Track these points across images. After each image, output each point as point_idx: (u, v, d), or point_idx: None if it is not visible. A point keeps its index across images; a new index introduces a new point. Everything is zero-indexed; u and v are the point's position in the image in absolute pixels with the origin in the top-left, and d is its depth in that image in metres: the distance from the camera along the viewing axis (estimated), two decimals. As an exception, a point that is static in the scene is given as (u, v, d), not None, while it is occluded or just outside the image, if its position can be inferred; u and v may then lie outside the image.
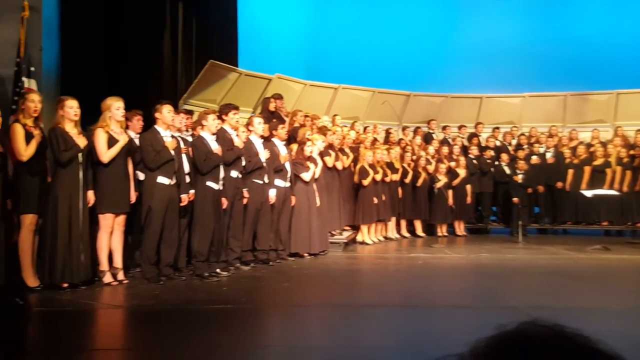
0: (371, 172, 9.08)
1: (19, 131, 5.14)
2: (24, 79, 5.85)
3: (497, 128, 12.13)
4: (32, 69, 6.01)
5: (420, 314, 4.94)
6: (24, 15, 5.99)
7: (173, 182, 5.81)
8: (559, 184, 11.20)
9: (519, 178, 10.71)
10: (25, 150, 5.13)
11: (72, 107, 5.34)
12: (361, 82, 12.38)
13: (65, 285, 5.22)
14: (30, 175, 5.20)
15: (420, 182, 10.30)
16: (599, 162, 10.94)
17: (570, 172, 11.15)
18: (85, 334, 4.34)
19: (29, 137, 5.16)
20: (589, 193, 10.50)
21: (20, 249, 5.17)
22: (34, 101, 5.29)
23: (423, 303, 5.32)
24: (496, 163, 11.30)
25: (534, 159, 11.20)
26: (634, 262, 7.88)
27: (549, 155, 11.38)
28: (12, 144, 5.20)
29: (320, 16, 13.96)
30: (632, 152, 10.86)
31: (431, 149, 10.92)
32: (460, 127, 12.04)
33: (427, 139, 11.54)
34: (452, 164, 10.81)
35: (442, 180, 10.48)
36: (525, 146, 11.47)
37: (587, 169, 11.01)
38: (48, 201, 5.19)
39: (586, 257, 8.18)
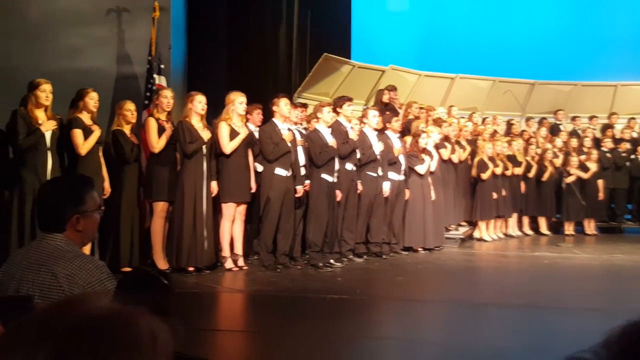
0: (490, 165, 8.79)
1: (152, 125, 5.65)
2: (155, 75, 6.36)
3: (634, 118, 11.24)
4: (162, 66, 6.54)
5: (546, 315, 4.79)
6: (155, 16, 6.51)
7: (290, 173, 6.06)
8: None
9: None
10: (157, 143, 5.60)
11: (200, 102, 5.75)
12: (480, 71, 11.95)
13: (191, 269, 5.68)
14: (162, 166, 5.74)
15: (545, 176, 9.79)
16: None
17: None
18: (210, 314, 4.66)
19: (161, 130, 5.63)
20: None
21: (152, 234, 5.72)
22: (167, 97, 5.79)
23: (549, 304, 5.15)
24: (632, 157, 10.47)
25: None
26: None
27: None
28: (145, 137, 5.68)
29: (436, 3, 13.65)
30: None
31: (559, 142, 10.35)
32: (591, 118, 11.32)
33: (554, 130, 10.95)
34: (582, 157, 10.14)
35: (573, 174, 9.85)
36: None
37: None
38: (177, 190, 5.61)
39: None
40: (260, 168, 6.22)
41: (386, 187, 7.10)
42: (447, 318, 4.79)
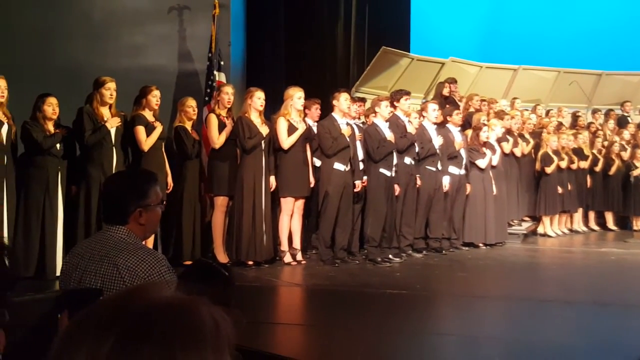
0: (555, 159, 8.41)
1: (213, 121, 5.67)
2: (215, 72, 6.39)
3: None
4: (222, 63, 6.54)
5: (614, 313, 4.57)
6: (215, 13, 6.53)
7: (348, 168, 5.95)
8: None
9: None
10: (218, 139, 5.62)
11: (259, 98, 5.73)
12: (544, 61, 11.45)
13: (250, 262, 5.65)
14: (222, 161, 5.72)
15: (613, 170, 9.29)
16: None
17: None
18: (269, 308, 4.64)
19: (221, 126, 5.64)
20: None
21: (213, 228, 5.72)
22: (228, 93, 5.79)
23: (617, 301, 4.90)
24: None
25: None
26: None
27: None
28: (206, 133, 5.72)
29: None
30: None
31: (626, 134, 9.80)
32: (661, 109, 10.62)
33: (622, 122, 10.38)
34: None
35: (640, 168, 9.33)
36: None
37: None
38: (236, 184, 5.62)
39: None
40: (318, 163, 6.12)
41: (446, 182, 6.89)
42: (509, 314, 4.64)
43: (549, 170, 8.41)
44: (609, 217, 9.55)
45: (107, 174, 4.75)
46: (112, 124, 5.03)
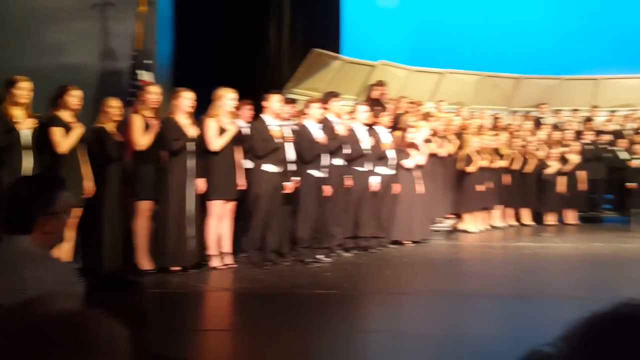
0: (477, 158, 8.62)
1: (137, 122, 5.31)
2: (140, 71, 6.06)
3: (614, 111, 11.12)
4: (147, 61, 6.21)
5: (529, 304, 4.68)
6: (140, 10, 6.19)
7: (279, 170, 5.80)
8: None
9: (636, 163, 9.77)
10: (142, 140, 5.29)
11: (188, 99, 5.46)
12: (468, 66, 11.77)
13: (176, 268, 5.32)
14: (146, 164, 5.32)
15: (529, 168, 9.66)
16: None
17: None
18: (194, 314, 4.44)
19: (146, 127, 5.34)
20: None
21: (136, 234, 5.31)
22: (153, 93, 5.45)
23: (532, 294, 5.01)
24: (612, 148, 10.36)
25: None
26: None
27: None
28: (130, 134, 5.41)
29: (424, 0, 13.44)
30: None
31: (542, 134, 10.20)
32: (573, 111, 11.15)
33: (537, 123, 10.80)
34: (564, 149, 10.03)
35: (553, 166, 9.77)
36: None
37: None
38: (161, 188, 5.35)
39: None
40: (249, 165, 5.97)
41: (375, 182, 6.87)
42: (433, 309, 4.65)
43: (470, 169, 8.62)
44: (525, 213, 9.90)
45: (19, 179, 4.39)
46: (25, 126, 4.62)
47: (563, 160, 9.90)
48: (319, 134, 6.11)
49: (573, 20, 12.75)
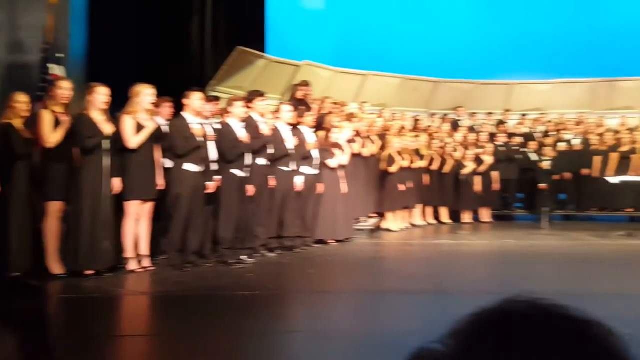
0: (398, 159, 8.80)
1: (47, 118, 4.96)
2: (51, 65, 5.68)
3: (525, 115, 11.72)
4: (59, 55, 5.83)
5: (445, 300, 4.77)
6: (51, 1, 5.79)
7: (200, 169, 5.62)
8: (586, 171, 10.76)
9: (546, 165, 10.35)
10: (52, 137, 4.96)
11: (102, 95, 5.17)
12: (391, 69, 12.02)
13: (90, 272, 5.03)
14: (57, 162, 5.00)
15: (446, 169, 9.99)
16: (625, 148, 10.49)
17: (597, 159, 10.69)
18: (109, 320, 4.20)
19: (57, 124, 5.01)
20: (614, 179, 10.11)
21: (46, 236, 4.98)
22: (65, 88, 5.13)
23: (448, 289, 5.14)
24: (523, 150, 10.92)
25: (561, 146, 10.79)
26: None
27: (576, 142, 10.94)
28: (39, 131, 5.05)
29: (349, 2, 13.59)
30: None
31: (458, 136, 10.57)
32: (488, 114, 11.65)
33: (455, 126, 11.19)
34: (479, 150, 10.46)
35: (469, 167, 10.16)
36: (553, 133, 11.07)
37: (614, 156, 10.54)
38: (74, 188, 5.04)
39: (610, 243, 7.96)
40: (168, 164, 5.74)
41: (299, 181, 6.82)
42: (356, 307, 4.68)
43: (392, 169, 8.79)
44: (444, 212, 10.25)
45: None
46: None
47: (478, 161, 10.31)
48: (242, 133, 5.99)
49: (488, 29, 13.35)
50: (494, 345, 0.59)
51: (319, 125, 7.84)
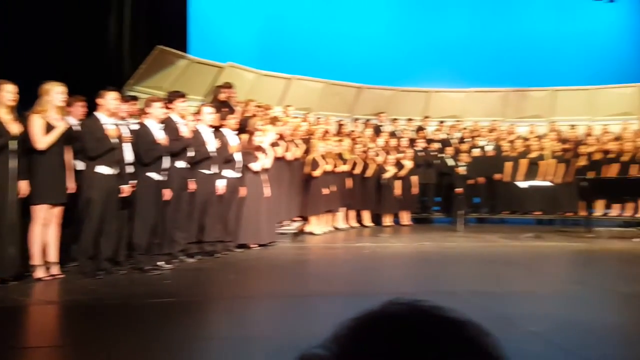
0: (322, 163, 8.86)
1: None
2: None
3: (443, 122, 12.18)
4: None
5: (364, 302, 4.78)
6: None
7: (114, 172, 5.37)
8: (498, 176, 11.33)
9: (461, 170, 10.77)
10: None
11: (9, 92, 4.84)
12: (315, 73, 12.10)
13: (-7, 281, 4.70)
14: None
15: (369, 173, 10.18)
16: (534, 155, 11.15)
17: (508, 164, 11.30)
18: (14, 331, 3.92)
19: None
20: (524, 184, 10.72)
21: None
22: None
23: (368, 291, 5.18)
24: (441, 155, 11.33)
25: (476, 152, 11.29)
26: (564, 249, 8.01)
27: (489, 148, 11.49)
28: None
29: (274, 5, 13.56)
30: (564, 146, 11.13)
31: (380, 141, 10.81)
32: (408, 120, 12.00)
33: (377, 131, 11.43)
34: (400, 155, 10.75)
35: (390, 171, 10.41)
36: (468, 139, 11.57)
37: (524, 162, 11.18)
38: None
39: (520, 244, 8.33)
40: (80, 166, 5.46)
41: (221, 185, 6.70)
42: (277, 312, 4.63)
43: (316, 173, 8.85)
44: (366, 215, 10.47)
45: None
46: None
47: (399, 165, 10.60)
48: (160, 135, 5.79)
49: (409, 38, 13.79)
50: (375, 347, 0.60)
51: (243, 128, 7.75)
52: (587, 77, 12.56)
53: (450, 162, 11.06)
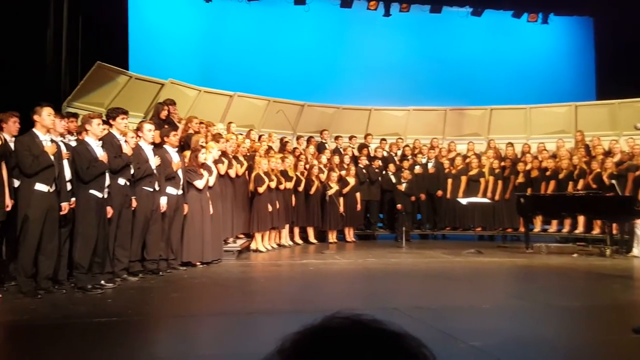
0: (266, 180, 9.00)
1: None
2: None
3: (385, 139, 12.55)
4: None
5: (307, 319, 4.90)
6: None
7: (52, 189, 5.34)
8: (439, 193, 11.79)
9: (403, 187, 11.14)
10: None
11: None
12: (257, 90, 12.28)
13: None
14: None
15: (313, 190, 10.37)
16: (473, 172, 11.65)
17: (449, 181, 11.78)
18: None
19: None
20: (464, 201, 11.17)
21: None
22: None
23: (311, 308, 5.26)
24: (383, 172, 11.67)
25: (417, 169, 11.70)
26: (504, 265, 8.34)
27: (430, 166, 11.93)
28: None
29: (216, 22, 13.68)
30: (502, 163, 11.71)
31: (324, 158, 11.03)
32: (350, 138, 12.28)
33: (320, 148, 11.66)
34: (343, 172, 11.01)
35: (334, 188, 10.64)
36: (409, 157, 11.95)
37: (464, 179, 11.68)
38: None
39: (462, 260, 8.60)
40: (17, 183, 5.41)
41: (163, 202, 6.71)
42: (220, 330, 4.66)
43: (261, 190, 8.97)
44: (310, 232, 10.64)
45: None
46: None
47: (342, 182, 10.87)
48: (99, 152, 5.81)
49: (351, 57, 14.24)
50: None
51: (185, 145, 7.81)
52: (523, 97, 13.26)
53: (393, 178, 11.42)
